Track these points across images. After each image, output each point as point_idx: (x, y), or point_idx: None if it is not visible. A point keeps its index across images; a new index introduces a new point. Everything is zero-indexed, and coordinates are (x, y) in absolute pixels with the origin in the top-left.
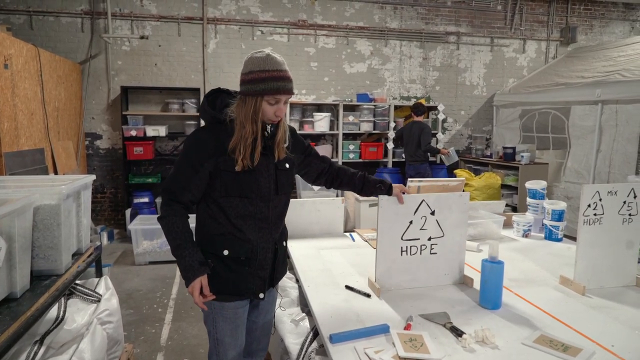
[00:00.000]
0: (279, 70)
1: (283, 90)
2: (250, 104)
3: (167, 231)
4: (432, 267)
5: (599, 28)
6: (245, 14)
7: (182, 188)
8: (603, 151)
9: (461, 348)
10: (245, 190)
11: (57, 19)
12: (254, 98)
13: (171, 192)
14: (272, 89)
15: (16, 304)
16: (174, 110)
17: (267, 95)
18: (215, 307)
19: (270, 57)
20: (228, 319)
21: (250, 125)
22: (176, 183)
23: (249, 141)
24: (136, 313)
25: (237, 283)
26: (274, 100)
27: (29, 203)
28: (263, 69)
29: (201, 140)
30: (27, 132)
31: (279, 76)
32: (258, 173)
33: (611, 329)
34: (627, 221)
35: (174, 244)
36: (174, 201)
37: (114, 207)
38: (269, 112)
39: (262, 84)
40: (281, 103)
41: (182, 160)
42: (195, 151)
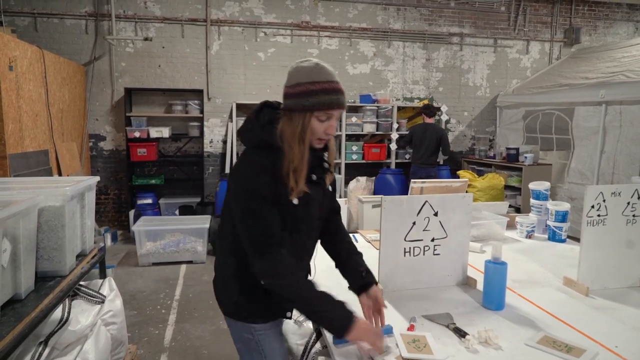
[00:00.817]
0: (330, 81)
1: (336, 105)
2: (298, 121)
3: (290, 287)
4: (436, 268)
5: (603, 29)
6: (248, 15)
7: (271, 224)
8: (607, 152)
9: (464, 349)
10: (298, 224)
11: (62, 21)
12: (302, 114)
13: (269, 241)
14: (323, 103)
15: (21, 305)
16: (178, 112)
17: (317, 110)
18: (256, 329)
19: (320, 66)
20: (275, 337)
21: (298, 146)
22: (267, 228)
23: (297, 165)
24: (140, 314)
25: (272, 306)
26: (325, 116)
27: (34, 204)
28: (312, 80)
29: (261, 168)
30: (32, 133)
31: (332, 88)
32: (311, 204)
33: (615, 329)
34: (631, 222)
35: (305, 296)
36: (276, 245)
37: (118, 208)
38: (318, 130)
39: (311, 97)
40: (333, 119)
41: (254, 198)
42: (261, 183)
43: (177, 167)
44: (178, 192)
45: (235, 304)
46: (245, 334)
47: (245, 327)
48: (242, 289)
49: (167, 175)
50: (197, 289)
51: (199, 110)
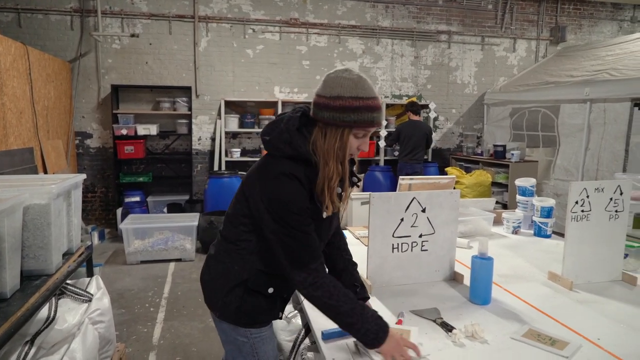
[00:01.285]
0: (373, 98)
1: (377, 123)
2: (335, 136)
3: (331, 298)
4: (423, 264)
5: (588, 27)
6: (236, 12)
7: (313, 237)
8: (591, 149)
9: (451, 343)
10: (322, 237)
11: (46, 17)
12: (340, 129)
13: (311, 250)
14: (365, 121)
15: (6, 304)
16: (165, 109)
17: (357, 127)
18: (252, 334)
19: (363, 80)
20: (267, 339)
21: (335, 163)
22: (308, 237)
23: (333, 182)
24: (128, 312)
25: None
26: (362, 133)
27: (19, 202)
28: (356, 95)
29: (297, 180)
30: (16, 131)
31: (374, 106)
32: (333, 217)
33: (598, 322)
34: (614, 217)
35: (344, 309)
36: (318, 256)
37: (105, 206)
38: (353, 146)
39: (354, 114)
40: (367, 137)
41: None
42: (302, 196)
43: (165, 165)
44: (166, 190)
45: (236, 309)
46: (239, 337)
47: (241, 330)
48: (246, 295)
49: (155, 173)
50: (186, 287)
51: (187, 107)
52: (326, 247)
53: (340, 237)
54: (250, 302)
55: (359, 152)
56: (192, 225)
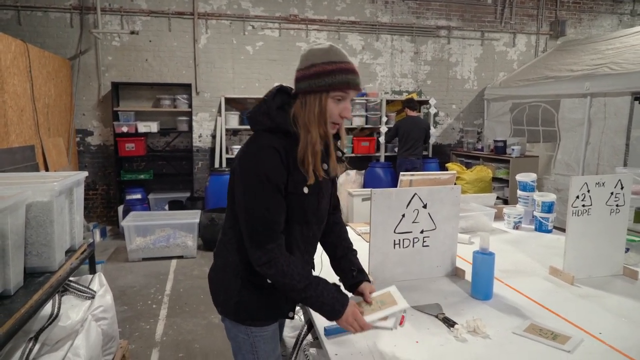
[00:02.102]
0: (346, 62)
1: (353, 85)
2: (314, 103)
3: (283, 277)
4: (425, 260)
5: (588, 21)
6: (236, 8)
7: (277, 214)
8: (592, 143)
9: (453, 338)
10: (307, 216)
11: (46, 14)
12: (318, 95)
13: (267, 224)
14: (340, 82)
15: (10, 301)
16: (166, 106)
17: (334, 90)
18: (253, 331)
19: (335, 48)
20: (269, 339)
21: (317, 129)
22: (268, 210)
23: (317, 148)
24: (130, 309)
25: (273, 306)
26: (340, 96)
27: (22, 200)
28: (329, 60)
29: (275, 150)
30: (17, 128)
31: (348, 68)
32: (321, 195)
33: (599, 316)
34: (615, 212)
35: (302, 287)
36: (274, 233)
37: (106, 203)
38: (334, 111)
39: (328, 77)
40: (348, 101)
41: (260, 179)
42: (274, 167)
43: (166, 162)
44: (167, 187)
45: (235, 304)
46: (240, 334)
47: (242, 328)
48: (244, 288)
49: (156, 170)
50: (188, 284)
51: (187, 104)
52: (326, 236)
53: (341, 226)
54: (248, 296)
55: (343, 119)
56: (194, 222)
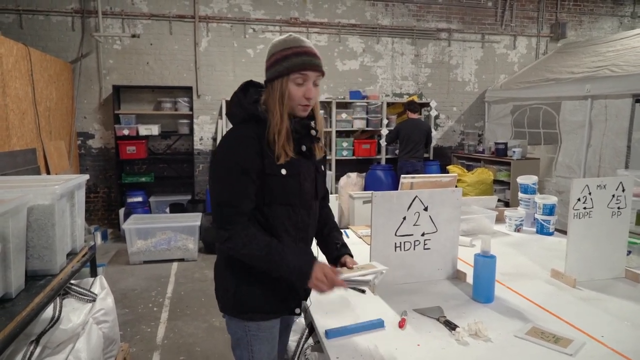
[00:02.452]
0: (303, 46)
1: (309, 66)
2: (277, 88)
3: (243, 248)
4: (426, 262)
5: (588, 24)
6: (237, 11)
7: (241, 196)
8: (593, 146)
9: (455, 341)
10: (290, 197)
11: (47, 18)
12: (279, 80)
13: (230, 206)
14: (296, 64)
15: (11, 304)
16: (167, 109)
17: (292, 73)
18: (250, 329)
19: (293, 36)
20: (265, 340)
21: (280, 111)
22: (232, 194)
23: (280, 127)
24: (132, 312)
25: (275, 300)
26: (301, 78)
27: (23, 203)
28: (285, 47)
29: (246, 137)
30: (19, 132)
31: (303, 51)
32: (302, 177)
33: (601, 320)
34: (616, 214)
35: (264, 255)
36: (235, 214)
37: (108, 206)
38: (296, 94)
39: (285, 62)
40: (309, 83)
41: (228, 165)
42: (243, 152)
43: (167, 165)
44: (168, 190)
45: (232, 297)
46: (239, 330)
47: (240, 324)
48: (239, 279)
49: (157, 173)
50: (189, 287)
51: (188, 107)
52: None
53: (328, 210)
54: (244, 287)
55: (309, 101)
56: (195, 225)
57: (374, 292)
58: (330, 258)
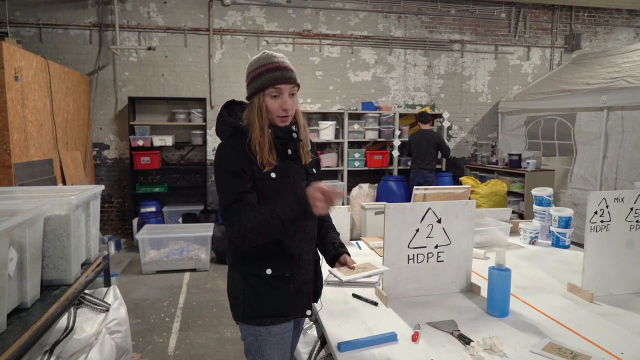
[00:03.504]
0: (274, 62)
1: (281, 80)
2: (255, 103)
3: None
4: (439, 275)
5: (603, 35)
6: (250, 24)
7: (242, 193)
8: (609, 157)
9: (469, 356)
10: None
11: (66, 32)
12: (257, 96)
13: (235, 203)
14: (269, 79)
15: (27, 313)
16: (181, 120)
17: (267, 88)
18: (261, 334)
19: (267, 53)
20: (276, 346)
21: (258, 123)
22: (234, 193)
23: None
24: (144, 322)
25: (283, 303)
26: (275, 92)
27: (40, 213)
28: (259, 65)
29: (234, 148)
30: (37, 143)
31: (275, 67)
32: (292, 179)
33: (620, 336)
34: (635, 227)
35: (267, 213)
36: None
37: (121, 216)
38: (273, 107)
39: (260, 79)
40: (285, 95)
41: (224, 171)
42: (231, 161)
43: (181, 175)
44: (181, 200)
45: (242, 304)
46: (250, 335)
47: (251, 329)
48: (247, 285)
49: (170, 183)
50: (201, 297)
51: (201, 118)
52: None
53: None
54: (251, 291)
55: (286, 112)
56: (207, 235)
57: (386, 305)
58: (328, 258)
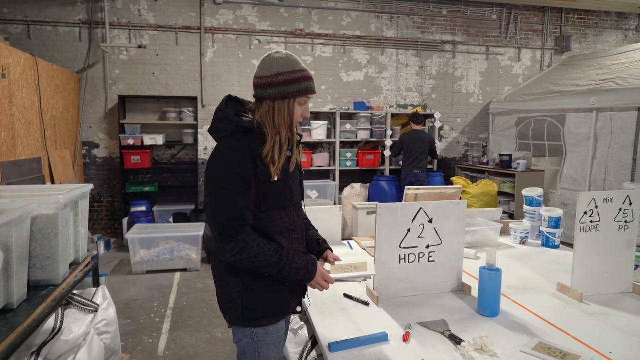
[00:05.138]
0: (306, 69)
1: (312, 90)
2: (283, 107)
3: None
4: (431, 275)
5: (593, 37)
6: (242, 23)
7: (245, 208)
8: (598, 158)
9: (460, 356)
10: (282, 201)
11: (55, 29)
12: (286, 101)
13: (237, 218)
14: (306, 88)
15: (13, 314)
16: (172, 119)
17: (300, 96)
18: (258, 335)
19: (293, 57)
20: (272, 345)
21: (287, 131)
22: (238, 205)
23: (283, 146)
24: (133, 323)
25: (280, 302)
26: (304, 100)
27: (27, 213)
28: (293, 69)
29: (240, 149)
30: (25, 141)
31: (309, 76)
32: (291, 181)
33: (609, 336)
34: (623, 228)
35: (273, 261)
36: (243, 226)
37: (111, 216)
38: (298, 115)
39: (295, 85)
40: (308, 104)
41: (228, 177)
42: (240, 163)
43: (172, 175)
44: (172, 200)
45: (240, 307)
46: (246, 338)
47: (248, 331)
48: (245, 289)
49: (161, 182)
50: (192, 297)
51: (193, 117)
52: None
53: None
54: (250, 294)
55: (303, 119)
56: (198, 235)
57: (377, 305)
58: (313, 254)
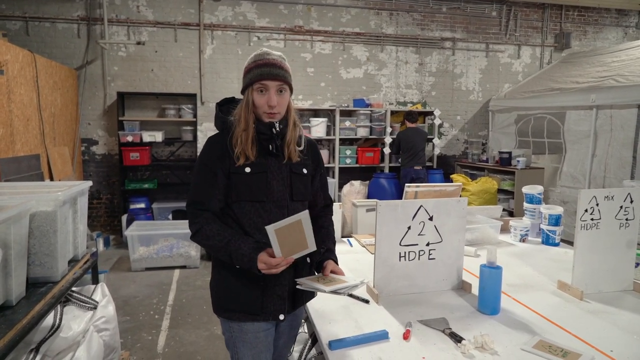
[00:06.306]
0: (266, 58)
1: (267, 75)
2: (245, 97)
3: (207, 240)
4: (431, 273)
5: (593, 34)
6: (241, 19)
7: (207, 195)
8: (598, 156)
9: (460, 354)
10: (256, 194)
11: (53, 25)
12: (247, 91)
13: (196, 203)
14: (256, 75)
15: (12, 311)
16: (171, 116)
17: (254, 83)
18: (234, 330)
19: (263, 50)
20: (248, 344)
21: (243, 116)
22: (199, 192)
23: (244, 129)
24: (133, 320)
25: (253, 301)
26: (262, 87)
27: (26, 210)
28: (252, 60)
29: (212, 142)
30: (23, 138)
31: (263, 63)
32: (270, 175)
33: (610, 333)
34: (624, 226)
35: (220, 245)
36: (202, 210)
37: (110, 213)
38: (260, 102)
39: (249, 74)
40: (271, 91)
41: (198, 167)
42: (208, 154)
43: (170, 172)
44: (171, 197)
45: (215, 296)
46: (226, 331)
47: (226, 324)
48: (219, 276)
49: (160, 179)
50: (191, 294)
51: (192, 114)
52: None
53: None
54: (222, 285)
55: (271, 109)
56: None
57: (378, 302)
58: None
